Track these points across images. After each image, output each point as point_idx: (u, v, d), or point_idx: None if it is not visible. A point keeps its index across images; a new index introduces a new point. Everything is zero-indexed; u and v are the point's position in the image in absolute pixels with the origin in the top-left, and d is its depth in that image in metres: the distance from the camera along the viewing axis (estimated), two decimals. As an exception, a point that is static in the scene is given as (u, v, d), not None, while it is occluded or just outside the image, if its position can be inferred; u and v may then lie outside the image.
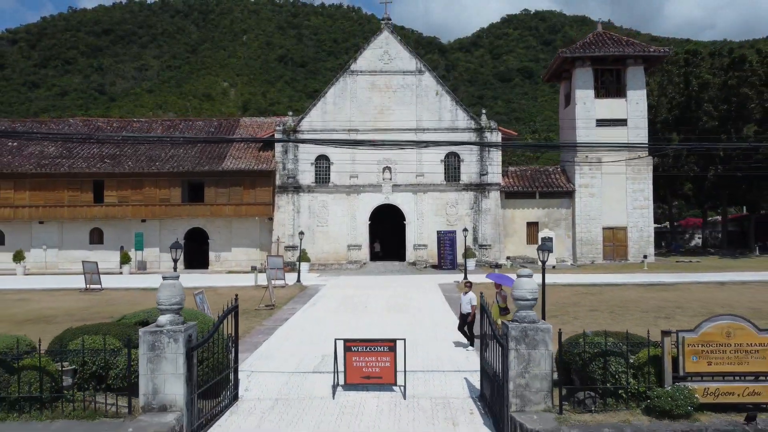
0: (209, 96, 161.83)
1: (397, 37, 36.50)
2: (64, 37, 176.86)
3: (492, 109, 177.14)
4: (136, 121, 41.99)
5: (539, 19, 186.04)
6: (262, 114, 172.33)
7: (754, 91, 35.36)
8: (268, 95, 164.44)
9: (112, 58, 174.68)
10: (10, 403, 8.13)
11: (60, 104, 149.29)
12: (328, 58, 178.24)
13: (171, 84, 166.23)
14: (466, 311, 13.42)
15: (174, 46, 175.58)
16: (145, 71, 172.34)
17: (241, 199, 34.38)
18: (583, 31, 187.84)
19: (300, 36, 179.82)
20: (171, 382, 8.34)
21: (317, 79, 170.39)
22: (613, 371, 8.38)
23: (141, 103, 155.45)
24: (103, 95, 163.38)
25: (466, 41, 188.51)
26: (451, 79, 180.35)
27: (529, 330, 8.35)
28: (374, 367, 10.74)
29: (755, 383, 8.11)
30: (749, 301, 19.93)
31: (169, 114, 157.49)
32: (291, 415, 9.54)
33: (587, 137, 34.97)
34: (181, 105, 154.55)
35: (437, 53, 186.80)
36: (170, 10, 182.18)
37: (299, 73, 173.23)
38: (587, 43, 36.36)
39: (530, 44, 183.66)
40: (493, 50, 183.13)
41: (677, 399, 7.84)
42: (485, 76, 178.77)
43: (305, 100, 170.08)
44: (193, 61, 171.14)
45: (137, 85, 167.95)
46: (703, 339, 8.18)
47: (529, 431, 7.81)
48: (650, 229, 35.01)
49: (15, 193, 34.15)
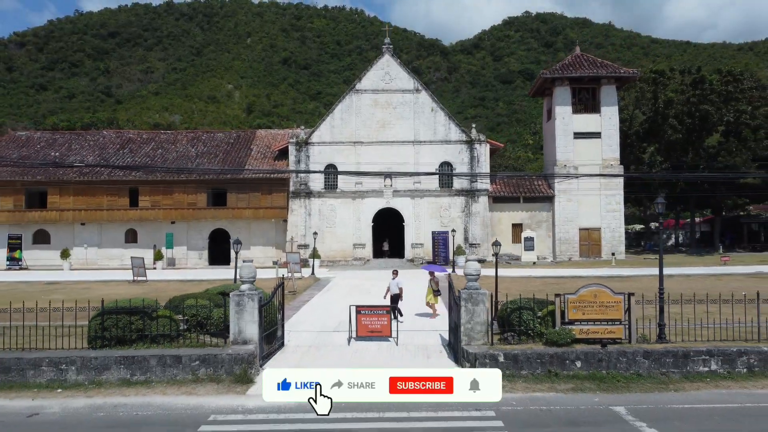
0: (214, 98, 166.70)
1: (397, 60, 41.80)
2: (71, 40, 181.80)
3: (493, 110, 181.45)
4: (163, 133, 47.47)
5: (540, 21, 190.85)
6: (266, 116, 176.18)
7: (714, 107, 40.51)
8: (272, 97, 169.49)
9: (118, 60, 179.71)
10: (151, 338, 13.47)
11: (68, 107, 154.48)
12: (331, 60, 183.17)
13: (177, 86, 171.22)
14: (394, 293, 18.57)
15: (179, 48, 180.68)
16: (150, 74, 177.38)
17: (259, 203, 39.77)
18: (584, 33, 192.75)
19: (303, 38, 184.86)
20: (249, 326, 13.66)
21: (320, 82, 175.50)
22: (525, 320, 13.71)
23: (147, 105, 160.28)
24: (109, 97, 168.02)
25: (468, 43, 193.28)
26: (452, 80, 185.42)
27: (473, 293, 13.66)
28: (376, 324, 16.14)
29: (610, 325, 13.42)
30: (680, 288, 25.13)
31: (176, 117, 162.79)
32: (320, 355, 14.88)
33: (566, 147, 40.30)
34: (186, 107, 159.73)
35: (439, 55, 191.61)
36: (175, 12, 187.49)
37: (303, 75, 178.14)
38: (566, 64, 41.62)
39: (531, 46, 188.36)
40: (495, 52, 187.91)
41: (562, 335, 13.16)
42: (487, 78, 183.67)
43: (308, 102, 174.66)
44: (198, 64, 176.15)
45: (143, 87, 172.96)
46: (579, 299, 13.49)
47: (471, 353, 13.14)
48: (621, 229, 40.29)
49: (60, 198, 39.61)
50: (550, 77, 40.78)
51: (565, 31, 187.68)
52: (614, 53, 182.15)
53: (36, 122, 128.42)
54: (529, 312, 13.82)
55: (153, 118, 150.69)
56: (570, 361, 12.88)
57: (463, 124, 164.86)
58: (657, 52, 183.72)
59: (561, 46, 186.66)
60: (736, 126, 40.51)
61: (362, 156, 39.77)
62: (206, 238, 40.85)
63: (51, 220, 39.71)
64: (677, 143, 42.23)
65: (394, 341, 15.84)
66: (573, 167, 40.05)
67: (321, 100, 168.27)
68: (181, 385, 12.56)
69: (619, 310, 13.49)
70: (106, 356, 12.85)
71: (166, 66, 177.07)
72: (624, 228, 41.12)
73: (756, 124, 40.88)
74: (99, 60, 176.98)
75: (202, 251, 40.82)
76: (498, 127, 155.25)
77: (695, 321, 14.09)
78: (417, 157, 40.02)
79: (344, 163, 39.86)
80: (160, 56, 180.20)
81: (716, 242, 45.56)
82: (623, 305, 13.54)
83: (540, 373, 12.81)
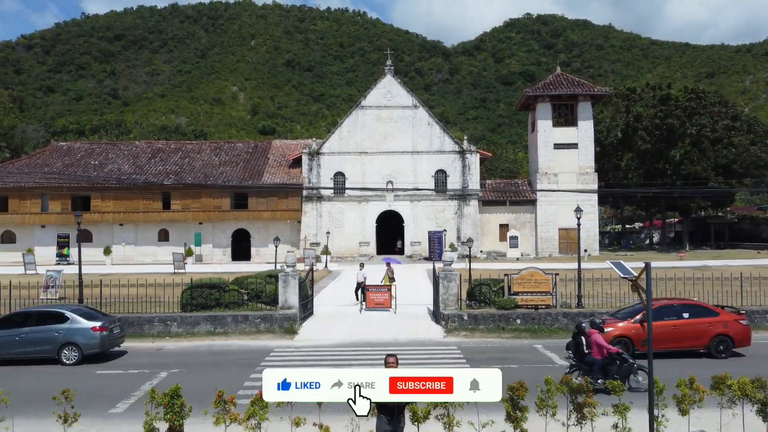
0: (219, 100, 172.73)
1: (397, 80, 48.29)
2: (78, 43, 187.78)
3: (494, 111, 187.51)
4: (189, 143, 54.10)
5: (541, 23, 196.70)
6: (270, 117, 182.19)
7: (678, 121, 46.86)
8: (276, 99, 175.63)
9: (124, 63, 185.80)
10: (224, 305, 19.98)
11: (76, 108, 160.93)
12: (334, 62, 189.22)
13: (182, 88, 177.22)
14: (359, 281, 24.55)
15: (184, 51, 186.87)
16: (156, 76, 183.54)
17: (276, 206, 46.33)
18: (584, 34, 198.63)
19: (307, 40, 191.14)
20: (292, 297, 20.16)
21: (323, 83, 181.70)
22: (484, 292, 20.22)
23: (154, 107, 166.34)
24: (116, 99, 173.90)
25: (469, 45, 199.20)
26: (454, 82, 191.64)
27: (448, 274, 20.17)
28: (380, 299, 22.67)
29: (543, 296, 19.90)
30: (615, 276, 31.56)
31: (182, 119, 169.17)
32: (339, 319, 21.45)
33: (547, 156, 46.81)
34: (192, 110, 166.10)
35: (441, 57, 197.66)
36: (180, 15, 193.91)
37: (306, 77, 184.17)
38: (547, 83, 48.04)
39: (532, 48, 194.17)
40: (496, 54, 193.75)
41: (508, 302, 19.67)
42: (488, 79, 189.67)
43: (312, 103, 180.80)
44: (203, 66, 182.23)
45: (149, 89, 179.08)
46: (521, 277, 20.00)
47: (446, 314, 19.67)
48: (595, 229, 46.75)
49: (101, 202, 46.22)
50: (533, 95, 47.24)
51: (565, 33, 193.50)
52: (614, 55, 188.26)
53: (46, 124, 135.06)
54: (487, 287, 20.37)
55: (160, 120, 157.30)
56: (513, 319, 19.41)
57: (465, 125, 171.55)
58: (656, 53, 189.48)
59: (561, 47, 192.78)
60: (698, 138, 46.84)
61: (367, 164, 46.34)
62: (229, 237, 47.43)
63: (93, 222, 46.29)
64: (647, 152, 48.64)
65: (393, 311, 22.38)
66: (553, 174, 46.54)
67: (324, 101, 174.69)
68: (249, 335, 19.15)
69: (549, 286, 20.00)
70: (197, 315, 19.46)
71: (172, 68, 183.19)
72: (598, 228, 47.56)
73: (716, 136, 47.19)
74: (105, 62, 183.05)
75: (226, 248, 47.41)
76: (499, 128, 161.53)
77: (603, 296, 20.62)
78: (415, 166, 46.56)
79: (351, 171, 46.41)
80: (166, 58, 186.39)
81: (684, 241, 51.91)
82: (552, 282, 20.05)
83: (492, 327, 19.35)
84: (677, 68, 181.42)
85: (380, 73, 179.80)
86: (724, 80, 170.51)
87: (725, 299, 20.06)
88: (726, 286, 20.76)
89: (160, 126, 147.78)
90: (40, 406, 10.86)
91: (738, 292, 20.69)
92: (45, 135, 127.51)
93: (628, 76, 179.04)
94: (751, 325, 16.74)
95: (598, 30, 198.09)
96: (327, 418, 9.02)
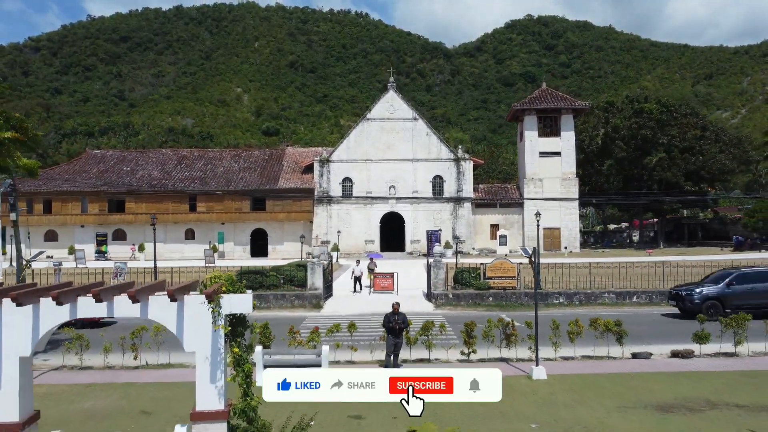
0: (224, 102, 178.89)
1: (399, 95, 55.06)
2: (84, 45, 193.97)
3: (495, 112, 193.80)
4: (210, 151, 61.04)
5: (542, 24, 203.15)
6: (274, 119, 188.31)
7: (651, 132, 53.58)
8: (279, 100, 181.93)
9: (129, 64, 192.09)
10: (266, 287, 26.79)
11: (83, 110, 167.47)
12: (336, 63, 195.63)
13: (187, 90, 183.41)
14: (357, 275, 31.26)
15: (189, 52, 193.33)
16: (162, 77, 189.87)
17: (290, 208, 53.13)
18: (584, 36, 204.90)
19: (310, 42, 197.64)
20: (318, 280, 27.00)
21: (326, 84, 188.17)
22: (464, 277, 27.05)
23: (160, 109, 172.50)
24: (123, 101, 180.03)
25: (471, 46, 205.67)
26: (456, 83, 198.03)
27: (437, 263, 27.04)
28: (385, 283, 29.51)
29: (509, 280, 26.68)
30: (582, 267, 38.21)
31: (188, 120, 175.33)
32: (353, 299, 28.43)
33: (533, 163, 53.57)
34: (198, 111, 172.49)
35: (442, 58, 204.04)
36: (184, 17, 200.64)
37: (309, 78, 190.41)
38: (534, 98, 54.77)
39: (533, 49, 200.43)
40: (497, 55, 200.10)
41: (482, 285, 26.50)
42: (489, 80, 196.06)
43: (315, 104, 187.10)
44: (208, 68, 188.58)
45: (155, 91, 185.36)
46: (493, 265, 26.82)
47: (435, 294, 26.54)
48: (576, 229, 53.53)
49: (135, 204, 53.07)
50: (521, 108, 53.99)
51: (566, 35, 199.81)
52: (614, 56, 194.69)
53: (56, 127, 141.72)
54: (468, 273, 27.19)
55: (166, 122, 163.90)
56: (486, 297, 26.22)
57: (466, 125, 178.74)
58: (656, 55, 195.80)
59: (562, 48, 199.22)
60: (669, 147, 53.47)
61: (372, 171, 53.16)
62: (249, 236, 54.26)
63: (127, 222, 53.17)
64: (625, 159, 55.34)
65: (395, 293, 29.19)
66: (539, 179, 53.31)
67: (327, 102, 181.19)
68: (286, 308, 25.99)
69: (514, 272, 26.79)
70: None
71: (177, 70, 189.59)
72: (579, 228, 54.33)
73: (685, 145, 53.82)
74: (111, 64, 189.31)
75: (246, 246, 54.24)
76: (500, 129, 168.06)
77: (561, 282, 27.45)
78: (415, 172, 53.36)
79: (358, 177, 53.22)
80: (171, 60, 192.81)
81: (659, 240, 58.59)
82: (517, 270, 26.84)
83: (470, 303, 26.15)
84: (676, 69, 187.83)
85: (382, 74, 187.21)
86: (722, 81, 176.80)
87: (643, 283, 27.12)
88: (655, 275, 27.67)
89: (166, 128, 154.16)
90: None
91: (660, 278, 27.60)
92: (55, 137, 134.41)
93: (627, 77, 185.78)
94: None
95: (599, 31, 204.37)
96: (356, 343, 16.11)
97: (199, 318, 7.07)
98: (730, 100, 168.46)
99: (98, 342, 16.27)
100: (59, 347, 16.78)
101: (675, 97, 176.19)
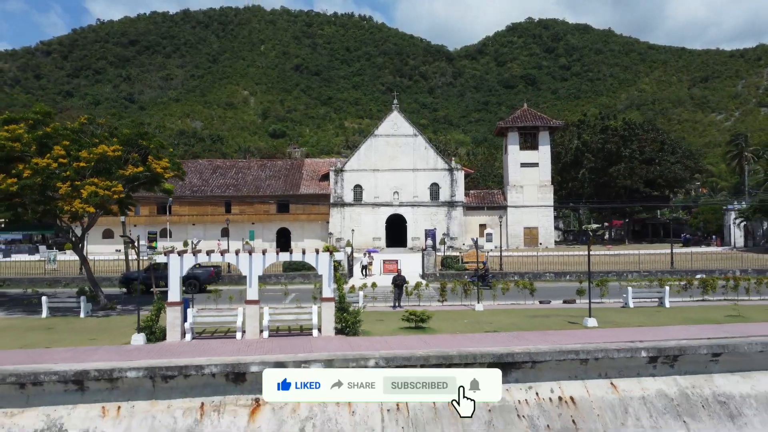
0: (231, 104, 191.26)
1: (402, 114, 67.75)
2: (94, 48, 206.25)
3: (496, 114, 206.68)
4: (240, 161, 73.81)
5: (542, 27, 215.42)
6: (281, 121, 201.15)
7: (615, 146, 66.14)
8: (285, 103, 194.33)
9: (138, 68, 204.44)
10: (307, 268, 39.44)
11: (95, 113, 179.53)
12: (341, 66, 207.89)
13: (195, 93, 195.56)
14: (363, 264, 44.10)
15: (196, 56, 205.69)
16: (170, 80, 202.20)
17: (310, 210, 65.86)
18: (584, 38, 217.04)
19: (314, 45, 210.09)
20: (344, 263, 39.61)
21: (331, 87, 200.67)
22: (449, 262, 39.85)
23: (169, 111, 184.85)
24: (132, 104, 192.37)
25: (473, 49, 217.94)
26: (457, 85, 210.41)
27: (429, 251, 39.83)
28: (392, 267, 42.30)
29: (480, 264, 39.36)
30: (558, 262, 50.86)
31: (197, 123, 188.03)
32: (365, 279, 41.11)
33: (515, 173, 66.26)
34: (206, 114, 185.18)
35: (444, 60, 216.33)
36: (191, 20, 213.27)
37: (314, 81, 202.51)
38: (516, 117, 67.41)
39: (534, 51, 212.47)
40: (498, 58, 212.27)
41: (460, 267, 39.45)
42: (490, 82, 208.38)
43: (320, 107, 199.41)
44: (215, 71, 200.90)
45: (164, 94, 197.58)
46: (467, 254, 39.58)
47: (427, 274, 39.33)
48: (551, 228, 66.12)
49: (179, 207, 65.85)
50: (505, 126, 66.66)
51: (566, 37, 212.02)
52: (613, 59, 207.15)
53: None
54: (451, 259, 39.93)
55: (176, 124, 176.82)
56: (462, 276, 38.94)
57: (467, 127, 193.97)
58: (654, 57, 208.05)
59: (562, 51, 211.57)
60: (630, 159, 66.02)
61: (379, 179, 65.84)
62: (274, 234, 67.04)
63: (173, 222, 65.94)
64: (595, 169, 67.94)
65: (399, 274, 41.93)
66: (520, 186, 65.99)
67: (332, 105, 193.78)
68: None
69: (483, 259, 39.43)
70: (293, 273, 39.05)
71: (185, 73, 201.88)
72: (554, 227, 66.89)
73: (644, 157, 66.34)
74: (121, 67, 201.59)
75: (272, 243, 66.97)
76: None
77: (521, 265, 40.18)
78: (415, 180, 66.02)
79: (367, 184, 65.94)
80: (179, 63, 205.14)
81: (626, 237, 71.06)
82: (486, 257, 39.52)
83: (453, 279, 38.84)
84: (673, 72, 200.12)
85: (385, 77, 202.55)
86: (718, 84, 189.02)
87: (578, 268, 39.89)
88: (596, 263, 40.44)
89: (177, 131, 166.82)
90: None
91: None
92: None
93: (625, 80, 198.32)
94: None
95: (598, 34, 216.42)
96: (379, 302, 29.09)
97: (325, 260, 19.77)
98: (725, 102, 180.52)
99: (215, 300, 29.08)
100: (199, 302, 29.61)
101: (671, 99, 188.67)
